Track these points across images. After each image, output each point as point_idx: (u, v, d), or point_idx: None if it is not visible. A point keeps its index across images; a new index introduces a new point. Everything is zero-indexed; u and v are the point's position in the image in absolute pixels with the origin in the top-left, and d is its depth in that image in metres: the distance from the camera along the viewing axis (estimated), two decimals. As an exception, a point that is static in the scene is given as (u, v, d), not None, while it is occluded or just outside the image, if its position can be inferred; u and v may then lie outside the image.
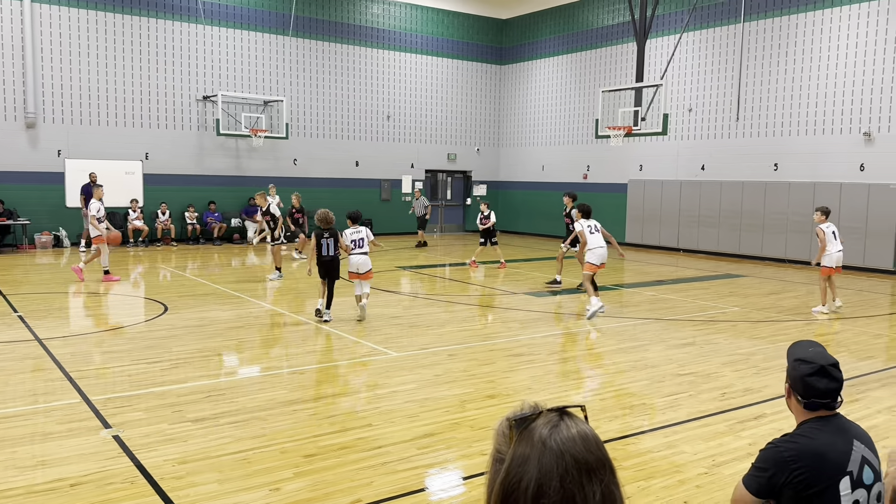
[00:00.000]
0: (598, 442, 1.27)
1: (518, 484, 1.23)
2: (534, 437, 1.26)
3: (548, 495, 1.21)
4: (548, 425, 1.27)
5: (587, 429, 1.28)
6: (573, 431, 1.26)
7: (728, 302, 12.15)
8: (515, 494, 1.23)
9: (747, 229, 18.52)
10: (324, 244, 9.81)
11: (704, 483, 4.76)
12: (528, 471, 1.23)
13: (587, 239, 10.83)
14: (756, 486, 2.76)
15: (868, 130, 16.18)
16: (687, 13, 19.48)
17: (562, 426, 1.27)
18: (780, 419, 5.98)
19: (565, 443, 1.24)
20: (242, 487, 4.56)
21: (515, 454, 1.26)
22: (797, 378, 2.81)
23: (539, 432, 1.26)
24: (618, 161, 21.68)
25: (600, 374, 7.53)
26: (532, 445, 1.25)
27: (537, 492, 1.21)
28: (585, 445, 1.25)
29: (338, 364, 7.99)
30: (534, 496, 1.21)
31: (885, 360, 8.53)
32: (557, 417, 1.29)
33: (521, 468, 1.24)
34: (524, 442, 1.26)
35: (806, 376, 2.78)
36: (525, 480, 1.23)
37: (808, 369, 2.79)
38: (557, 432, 1.25)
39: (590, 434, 1.27)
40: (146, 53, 19.58)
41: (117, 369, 7.38)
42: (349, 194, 22.44)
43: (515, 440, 1.28)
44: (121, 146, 19.31)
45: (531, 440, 1.26)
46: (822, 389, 2.77)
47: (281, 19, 21.58)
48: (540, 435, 1.25)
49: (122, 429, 5.55)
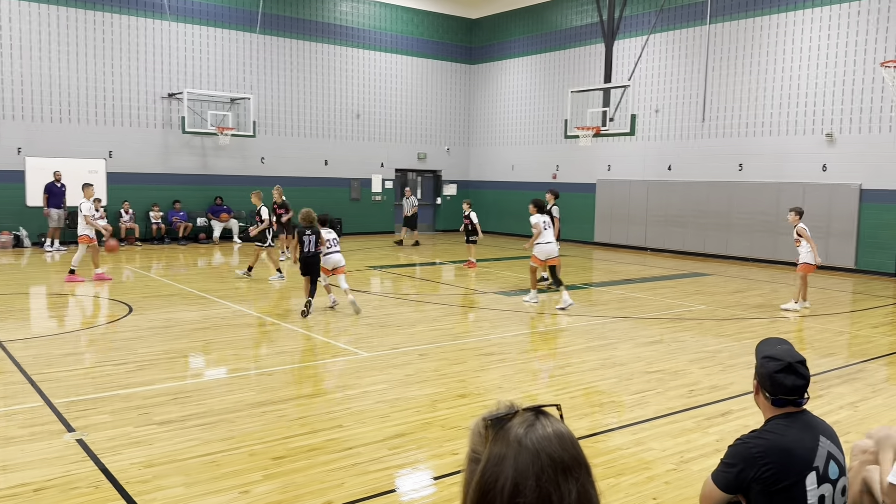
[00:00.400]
0: (573, 441, 1.27)
1: (494, 484, 1.23)
2: (510, 437, 1.25)
3: (524, 494, 1.20)
4: (523, 424, 1.27)
5: (563, 428, 1.28)
6: (549, 430, 1.26)
7: (694, 300, 12.31)
8: (491, 494, 1.23)
9: (713, 229, 18.80)
10: (306, 241, 10.24)
11: (673, 479, 4.82)
12: (504, 470, 1.23)
13: (542, 232, 11.35)
14: (724, 481, 2.80)
15: (830, 132, 16.52)
16: (654, 15, 19.70)
17: (537, 425, 1.27)
18: (746, 415, 6.08)
19: (541, 442, 1.24)
20: (210, 491, 4.50)
21: (491, 454, 1.25)
22: (765, 375, 2.85)
23: (515, 431, 1.26)
24: (587, 161, 21.85)
25: (570, 373, 7.58)
26: (508, 445, 1.24)
27: (513, 491, 1.21)
28: (561, 444, 1.25)
29: (307, 365, 7.92)
30: (510, 495, 1.21)
31: (847, 356, 8.72)
32: (533, 417, 1.28)
33: (497, 468, 1.24)
34: (500, 441, 1.26)
35: (774, 373, 2.83)
36: (501, 480, 1.22)
37: (776, 366, 2.84)
38: (533, 431, 1.25)
39: (565, 433, 1.27)
40: (110, 49, 19.23)
41: (81, 372, 7.23)
42: (318, 193, 22.28)
43: (491, 440, 1.27)
44: (84, 144, 18.94)
45: (507, 440, 1.25)
46: (790, 386, 2.82)
47: (248, 16, 21.35)
48: (516, 434, 1.25)
49: (86, 432, 5.44)
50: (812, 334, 9.81)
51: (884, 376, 7.73)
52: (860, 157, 16.05)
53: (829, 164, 16.60)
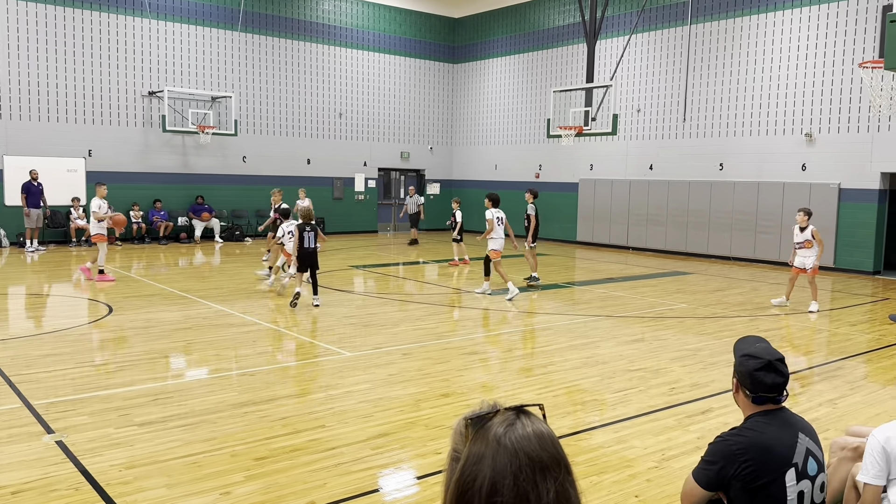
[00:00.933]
0: (553, 440, 1.28)
1: (473, 482, 1.23)
2: (489, 436, 1.26)
3: (501, 493, 1.21)
4: (503, 424, 1.27)
5: (543, 427, 1.29)
6: (528, 430, 1.26)
7: (676, 299, 12.40)
8: (470, 493, 1.23)
9: (694, 227, 18.94)
10: (306, 237, 10.85)
11: (655, 477, 4.85)
12: (483, 469, 1.23)
13: (495, 227, 12.06)
14: (706, 479, 2.82)
15: (809, 131, 16.70)
16: (636, 15, 19.81)
17: (517, 425, 1.27)
18: (726, 413, 6.13)
19: (520, 441, 1.24)
20: (192, 492, 4.47)
21: (471, 452, 1.26)
22: (745, 373, 2.88)
23: (495, 430, 1.26)
24: (569, 160, 21.93)
25: (553, 371, 7.60)
26: (487, 444, 1.25)
27: (491, 490, 1.21)
28: (540, 444, 1.25)
29: (290, 365, 7.89)
30: (488, 494, 1.21)
31: (826, 354, 8.82)
32: (514, 416, 1.29)
33: (475, 466, 1.24)
34: (479, 440, 1.26)
35: (754, 371, 2.86)
36: (479, 479, 1.23)
37: (756, 364, 2.86)
38: (513, 431, 1.26)
39: (545, 432, 1.28)
40: (89, 47, 19.03)
41: (60, 373, 7.15)
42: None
43: (471, 438, 1.28)
44: (62, 143, 18.73)
45: (486, 438, 1.26)
46: (770, 384, 2.85)
47: (229, 14, 21.21)
48: (495, 433, 1.26)
49: (65, 434, 5.38)
50: (792, 332, 9.92)
51: (862, 374, 7.83)
52: (839, 156, 16.25)
53: (808, 164, 16.78)
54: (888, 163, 15.53)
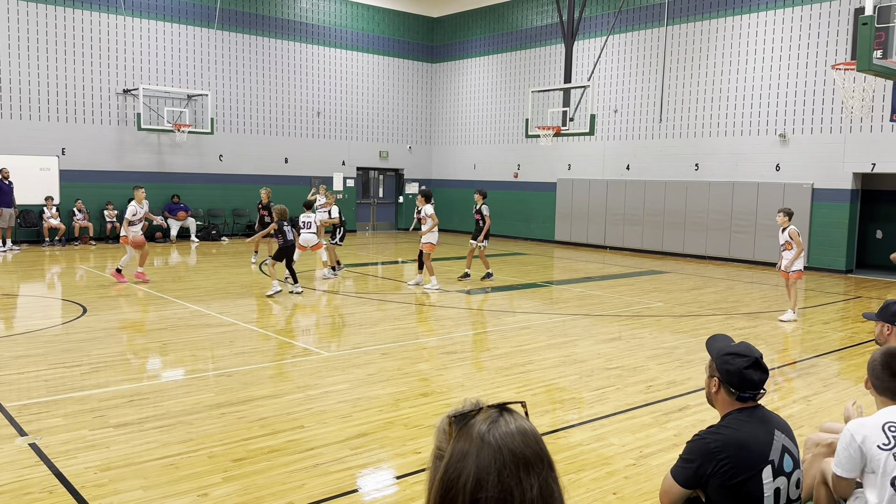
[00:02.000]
0: (536, 437, 1.29)
1: (457, 479, 1.24)
2: (473, 433, 1.26)
3: (486, 490, 1.22)
4: (487, 421, 1.28)
5: (526, 424, 1.29)
6: (512, 427, 1.27)
7: (652, 297, 12.50)
8: (454, 490, 1.24)
9: (670, 227, 19.11)
10: (287, 231, 11.84)
11: (632, 474, 4.89)
12: (467, 466, 1.23)
13: (437, 221, 12.91)
14: (684, 477, 2.85)
15: (783, 132, 16.92)
16: (613, 16, 19.94)
17: (500, 422, 1.28)
18: (702, 410, 6.19)
19: (503, 438, 1.25)
20: (169, 494, 4.42)
21: (454, 450, 1.26)
22: (734, 372, 2.90)
23: (478, 428, 1.27)
24: (547, 160, 22.02)
25: (531, 370, 7.63)
26: (471, 441, 1.25)
27: (475, 486, 1.22)
28: (524, 440, 1.26)
29: (267, 365, 7.84)
30: (472, 491, 1.22)
31: (799, 351, 8.95)
32: (497, 413, 1.30)
33: (460, 464, 1.24)
34: (463, 438, 1.27)
35: (744, 369, 2.88)
36: (464, 476, 1.23)
37: (745, 363, 2.89)
38: (496, 428, 1.26)
39: (528, 429, 1.28)
40: (63, 44, 18.76)
41: (33, 374, 7.05)
42: (279, 191, 21.88)
43: (455, 436, 1.28)
44: (35, 141, 18.44)
45: (470, 436, 1.26)
46: (757, 381, 2.89)
47: (205, 12, 21.02)
48: (479, 430, 1.26)
49: (39, 436, 5.30)
50: (766, 330, 10.04)
51: (835, 371, 7.95)
52: (812, 157, 16.48)
53: (782, 164, 17.00)
54: (860, 163, 15.78)
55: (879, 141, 15.45)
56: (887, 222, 17.08)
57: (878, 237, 17.22)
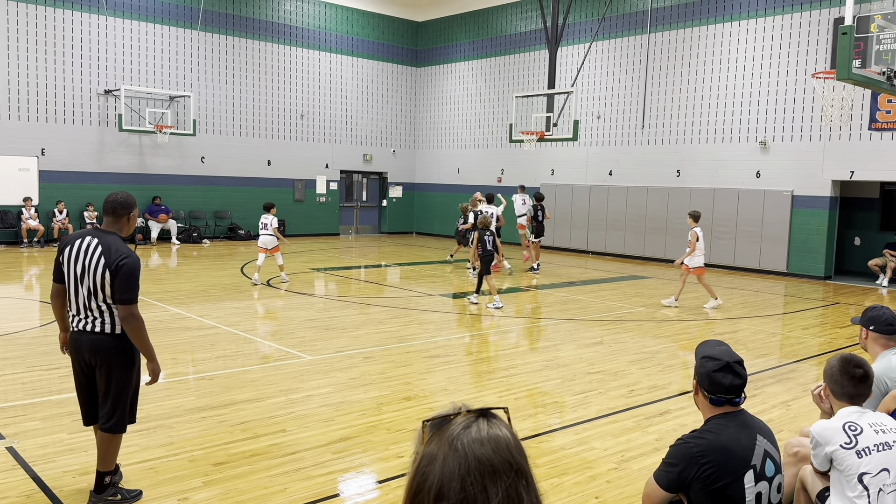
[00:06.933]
0: (510, 445, 1.25)
1: (424, 483, 1.23)
2: (444, 438, 1.25)
3: (447, 496, 1.20)
4: (461, 426, 1.26)
5: (502, 431, 1.26)
6: (483, 434, 1.25)
7: (634, 302, 12.57)
8: (421, 494, 1.22)
9: (651, 233, 19.23)
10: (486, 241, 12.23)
11: (614, 478, 4.90)
12: (434, 470, 1.22)
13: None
14: (666, 481, 2.87)
15: (764, 139, 17.10)
16: (596, 23, 20.06)
17: (473, 427, 1.26)
18: (684, 415, 6.23)
19: (471, 444, 1.23)
20: (149, 498, 4.38)
21: (424, 453, 1.25)
22: (704, 374, 2.94)
23: (450, 432, 1.25)
24: (531, 165, 22.09)
25: (514, 374, 7.64)
26: (440, 445, 1.24)
27: (438, 493, 1.21)
28: (494, 447, 1.23)
29: (249, 369, 7.78)
30: (435, 497, 1.21)
31: (779, 357, 9.03)
32: (473, 419, 1.28)
33: (427, 468, 1.23)
34: (434, 442, 1.26)
35: (713, 372, 2.92)
36: (430, 480, 1.22)
37: (715, 366, 2.92)
38: (467, 434, 1.24)
39: (502, 436, 1.26)
40: (43, 44, 18.56)
41: (10, 377, 6.95)
42: (261, 194, 21.92)
43: (427, 439, 1.27)
44: (14, 141, 18.22)
45: (441, 440, 1.25)
46: (727, 385, 2.91)
47: (188, 13, 20.89)
48: (450, 435, 1.25)
49: (16, 440, 5.23)
50: (746, 335, 10.13)
51: (814, 376, 8.03)
52: (792, 164, 16.66)
53: (762, 171, 17.18)
54: (839, 171, 15.98)
55: (858, 149, 15.66)
56: (865, 229, 17.31)
57: (856, 244, 17.45)
